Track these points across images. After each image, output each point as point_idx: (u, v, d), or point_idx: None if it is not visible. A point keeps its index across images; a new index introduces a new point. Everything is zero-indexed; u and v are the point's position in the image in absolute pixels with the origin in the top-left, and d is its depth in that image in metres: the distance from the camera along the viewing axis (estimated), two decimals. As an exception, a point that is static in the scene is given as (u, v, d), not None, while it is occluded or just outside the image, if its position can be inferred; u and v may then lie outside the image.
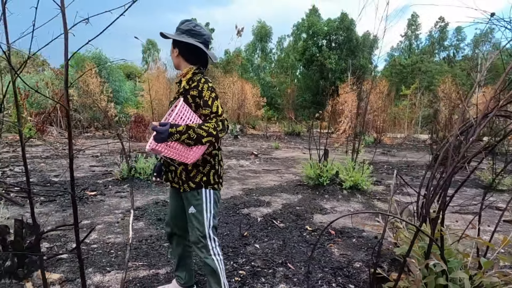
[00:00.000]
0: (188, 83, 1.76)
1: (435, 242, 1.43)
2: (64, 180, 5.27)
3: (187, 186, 1.77)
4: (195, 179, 1.77)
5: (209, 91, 1.68)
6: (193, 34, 1.77)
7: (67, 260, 2.55)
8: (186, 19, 1.82)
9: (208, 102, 1.65)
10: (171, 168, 1.85)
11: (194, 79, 1.75)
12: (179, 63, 1.86)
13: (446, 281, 1.50)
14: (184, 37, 1.75)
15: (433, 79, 32.35)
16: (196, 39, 1.77)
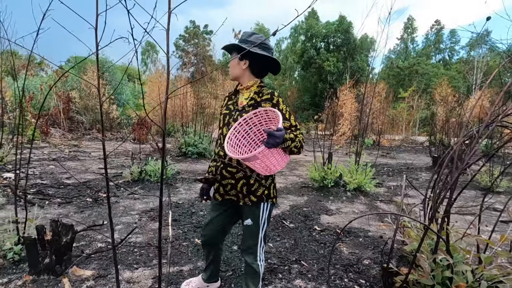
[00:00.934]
0: (258, 95, 1.76)
1: (442, 239, 1.62)
2: (77, 183, 5.43)
3: (248, 200, 1.76)
4: (257, 193, 1.75)
5: (284, 104, 1.72)
6: (265, 47, 1.75)
7: (95, 258, 2.73)
8: (253, 32, 1.79)
9: (286, 115, 1.68)
10: (228, 181, 1.79)
11: (263, 92, 1.75)
12: (242, 75, 1.80)
13: (451, 274, 1.70)
14: (257, 50, 1.72)
15: (430, 82, 32.72)
16: (268, 53, 1.76)
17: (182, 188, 5.44)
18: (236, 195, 1.78)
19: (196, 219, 3.86)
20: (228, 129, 1.76)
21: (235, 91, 1.87)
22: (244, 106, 1.76)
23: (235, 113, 1.79)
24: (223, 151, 1.77)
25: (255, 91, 1.78)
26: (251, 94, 1.77)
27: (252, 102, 1.75)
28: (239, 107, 1.79)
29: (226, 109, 1.86)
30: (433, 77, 34.08)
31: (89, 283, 2.32)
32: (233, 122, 1.75)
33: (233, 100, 1.86)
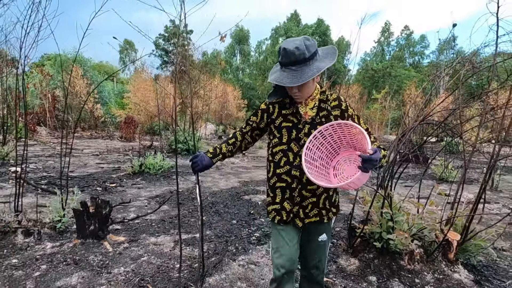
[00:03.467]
0: (326, 103, 1.57)
1: (385, 198, 2.41)
2: (82, 175, 5.97)
3: (331, 214, 1.63)
4: (336, 203, 1.66)
5: (351, 108, 1.58)
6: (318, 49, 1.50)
7: (122, 230, 3.37)
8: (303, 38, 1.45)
9: (355, 119, 1.56)
10: (309, 201, 1.58)
11: (328, 98, 1.58)
12: (311, 91, 1.54)
13: (392, 224, 2.49)
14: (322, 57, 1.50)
15: (401, 84, 34.51)
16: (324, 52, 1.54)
17: (179, 179, 6.09)
18: (319, 213, 1.58)
19: (197, 202, 4.54)
20: (298, 145, 1.54)
21: (291, 102, 1.60)
22: (314, 117, 1.54)
23: (303, 126, 1.54)
24: (298, 171, 1.53)
25: (320, 98, 1.57)
26: (316, 103, 1.56)
27: (324, 113, 1.55)
28: (306, 119, 1.55)
29: (286, 121, 1.59)
30: (404, 79, 35.92)
31: (124, 245, 2.98)
32: (305, 137, 1.52)
33: (291, 111, 1.58)
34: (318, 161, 1.50)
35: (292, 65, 1.41)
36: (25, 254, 2.75)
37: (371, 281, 2.44)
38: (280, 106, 1.62)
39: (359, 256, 2.68)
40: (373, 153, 1.25)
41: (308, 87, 1.48)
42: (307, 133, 1.54)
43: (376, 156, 1.25)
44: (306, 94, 1.51)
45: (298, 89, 1.47)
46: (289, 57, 1.40)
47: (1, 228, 2.89)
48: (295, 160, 1.55)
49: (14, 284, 2.31)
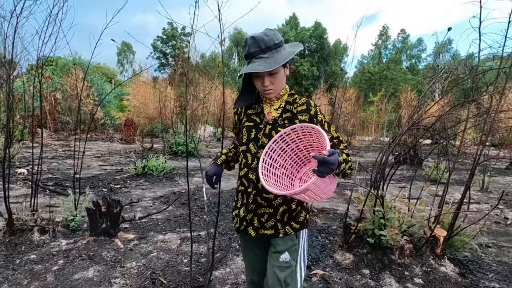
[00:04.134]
0: (292, 105, 1.45)
1: (377, 197, 2.63)
2: (86, 177, 6.15)
3: (289, 229, 1.42)
4: (299, 218, 1.45)
5: (322, 114, 1.44)
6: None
7: (131, 228, 3.57)
8: (271, 29, 1.40)
9: (326, 126, 1.41)
10: (264, 210, 1.43)
11: (297, 101, 1.46)
12: (282, 84, 1.45)
13: (384, 221, 2.70)
14: (289, 48, 1.44)
15: (398, 86, 34.90)
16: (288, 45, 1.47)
17: (181, 180, 6.29)
18: (275, 225, 1.42)
19: (200, 203, 4.74)
20: (256, 146, 1.44)
21: (257, 101, 1.51)
22: (276, 118, 1.43)
23: (264, 126, 1.44)
24: (254, 174, 1.42)
25: (287, 100, 1.46)
26: (282, 104, 1.46)
27: (288, 114, 1.43)
28: (269, 119, 1.45)
29: (249, 120, 1.50)
30: (401, 82, 36.30)
31: (134, 242, 3.18)
32: (264, 137, 1.42)
33: (256, 110, 1.49)
34: (280, 169, 1.36)
35: (263, 53, 1.33)
36: (42, 250, 2.94)
37: (365, 273, 2.66)
38: (246, 107, 1.55)
39: (354, 251, 2.89)
40: (330, 155, 1.09)
41: (280, 80, 1.39)
42: (267, 134, 1.43)
43: (333, 159, 1.09)
44: (278, 88, 1.41)
45: (271, 81, 1.37)
46: (259, 45, 1.33)
47: (19, 226, 3.08)
48: (253, 162, 1.45)
49: (35, 277, 2.51)
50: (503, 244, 3.55)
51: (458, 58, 32.37)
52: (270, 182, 1.26)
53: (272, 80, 1.38)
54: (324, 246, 3.18)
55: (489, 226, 4.22)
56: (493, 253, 3.28)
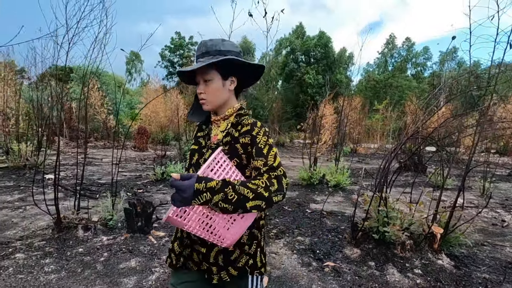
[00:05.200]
0: (236, 128, 1.28)
1: (381, 198, 3.02)
2: (109, 182, 6.59)
3: (225, 274, 1.23)
4: (238, 263, 1.24)
5: (265, 136, 1.23)
6: (239, 54, 1.28)
7: (160, 227, 3.98)
8: (222, 38, 1.27)
9: (263, 150, 1.19)
10: (198, 248, 1.26)
11: (243, 122, 1.27)
12: (227, 100, 1.31)
13: (387, 219, 3.09)
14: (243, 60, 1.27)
15: (403, 94, 35.20)
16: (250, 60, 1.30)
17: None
18: (209, 269, 1.24)
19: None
20: (195, 172, 1.27)
21: (207, 120, 1.40)
22: (220, 143, 1.28)
23: (206, 150, 1.31)
24: None
25: (233, 122, 1.30)
26: (228, 126, 1.30)
27: (228, 139, 1.27)
28: (213, 143, 1.31)
29: (195, 143, 1.39)
30: (406, 90, 36.60)
31: (165, 239, 3.59)
32: (203, 164, 1.19)
33: (205, 132, 1.37)
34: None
35: (201, 57, 1.23)
36: (87, 244, 3.36)
37: (370, 265, 3.04)
38: (198, 128, 1.43)
39: (361, 246, 3.27)
40: (184, 179, 0.94)
41: (214, 90, 1.25)
42: (207, 159, 1.25)
43: (183, 184, 0.93)
44: (213, 99, 1.26)
45: (205, 90, 1.26)
46: (201, 48, 1.24)
47: (66, 224, 3.52)
48: None
49: (86, 266, 2.93)
50: (497, 243, 3.90)
51: (463, 65, 32.55)
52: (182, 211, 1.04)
53: (206, 89, 1.26)
54: (334, 243, 3.56)
55: (486, 227, 4.59)
56: (487, 251, 3.63)
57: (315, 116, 17.01)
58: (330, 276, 2.87)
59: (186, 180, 0.95)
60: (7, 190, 5.66)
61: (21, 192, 5.59)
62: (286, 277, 2.84)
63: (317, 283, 2.75)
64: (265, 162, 1.16)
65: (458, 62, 45.26)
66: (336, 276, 2.87)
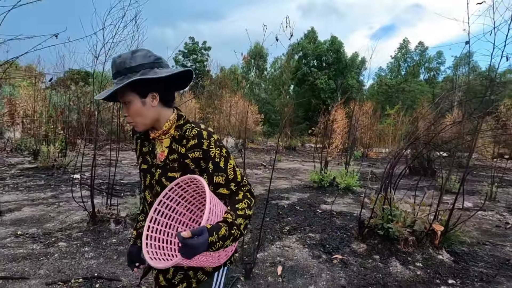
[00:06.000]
0: (181, 142, 1.19)
1: (386, 197, 3.31)
2: (131, 182, 7.03)
3: (201, 274, 1.24)
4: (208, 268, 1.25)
5: (218, 148, 1.18)
6: (163, 64, 1.18)
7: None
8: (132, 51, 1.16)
9: (220, 164, 1.17)
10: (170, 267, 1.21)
11: (186, 135, 1.19)
12: (158, 115, 1.20)
13: (391, 217, 3.38)
14: (161, 71, 1.14)
15: (415, 99, 35.07)
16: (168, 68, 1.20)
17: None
18: (185, 277, 1.25)
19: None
20: (151, 194, 1.26)
21: (146, 137, 1.29)
22: (166, 160, 1.21)
23: (155, 169, 1.24)
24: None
25: (175, 135, 1.21)
26: (172, 142, 1.22)
27: (175, 156, 1.19)
28: (159, 161, 1.24)
29: (144, 162, 1.30)
30: (418, 94, 36.44)
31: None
32: (156, 185, 1.22)
33: (148, 148, 1.28)
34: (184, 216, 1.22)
35: (114, 78, 1.14)
36: (119, 236, 3.75)
37: (375, 258, 3.33)
38: (141, 142, 1.31)
39: (367, 242, 3.57)
40: (194, 236, 0.90)
41: (137, 111, 1.15)
42: (158, 180, 1.21)
43: (197, 243, 0.89)
44: (139, 120, 1.17)
45: (127, 112, 1.17)
46: (112, 68, 1.15)
47: (100, 218, 3.92)
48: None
49: (121, 254, 3.31)
50: (498, 243, 4.13)
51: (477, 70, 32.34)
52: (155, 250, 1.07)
53: (128, 111, 1.17)
54: (343, 239, 3.87)
55: (490, 229, 4.82)
56: (487, 249, 3.87)
57: (326, 120, 17.33)
58: (338, 267, 3.18)
59: (199, 237, 0.90)
60: (40, 188, 6.13)
61: (52, 190, 6.05)
62: (298, 267, 3.17)
63: (326, 272, 3.07)
64: (226, 177, 1.17)
65: (472, 67, 44.85)
66: (344, 267, 3.18)
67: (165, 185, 1.19)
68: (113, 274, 2.90)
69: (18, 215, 4.47)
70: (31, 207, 4.88)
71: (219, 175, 1.17)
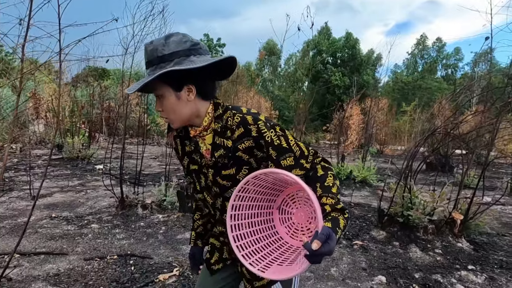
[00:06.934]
0: (224, 134, 1.07)
1: (405, 185, 3.38)
2: (153, 173, 7.25)
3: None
4: None
5: (271, 129, 1.04)
6: (201, 51, 1.02)
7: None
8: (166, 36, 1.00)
9: (282, 144, 1.03)
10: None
11: (228, 125, 1.07)
12: (196, 111, 1.06)
13: (411, 204, 3.45)
14: (198, 59, 0.99)
15: (432, 96, 34.48)
16: (208, 55, 1.05)
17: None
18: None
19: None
20: (211, 196, 1.16)
21: (186, 134, 1.15)
22: (218, 159, 1.09)
23: (207, 170, 1.13)
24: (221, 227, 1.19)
25: (215, 129, 1.09)
26: (216, 138, 1.09)
27: (221, 152, 1.08)
28: (208, 160, 1.11)
29: (192, 162, 1.17)
30: (435, 91, 35.80)
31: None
32: (214, 186, 1.12)
33: (191, 147, 1.14)
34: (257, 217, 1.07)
35: (147, 68, 1.03)
36: (147, 220, 3.94)
37: (395, 245, 3.41)
38: (181, 141, 1.19)
39: (386, 229, 3.65)
40: (322, 245, 0.76)
41: (172, 106, 1.03)
42: (213, 181, 1.12)
43: (328, 249, 0.78)
44: (174, 116, 1.05)
45: (161, 107, 1.06)
46: (145, 57, 1.03)
47: (128, 203, 4.11)
48: (216, 213, 1.18)
49: (149, 236, 3.49)
50: (518, 235, 4.14)
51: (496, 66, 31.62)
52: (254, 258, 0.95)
53: (161, 106, 1.06)
54: (362, 227, 3.96)
55: (509, 222, 4.82)
56: (507, 240, 3.90)
57: (341, 117, 17.27)
58: (358, 252, 3.27)
59: (330, 243, 0.79)
60: (67, 177, 6.41)
61: (79, 179, 6.32)
62: (319, 251, 3.28)
63: (347, 256, 3.17)
64: (294, 156, 1.04)
65: (490, 63, 43.72)
66: (364, 252, 3.28)
67: (222, 184, 1.11)
68: (145, 253, 3.07)
69: (50, 200, 4.73)
70: (61, 193, 5.14)
71: (286, 157, 1.03)
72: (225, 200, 1.13)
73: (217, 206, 1.15)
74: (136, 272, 2.67)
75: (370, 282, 2.68)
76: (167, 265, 2.82)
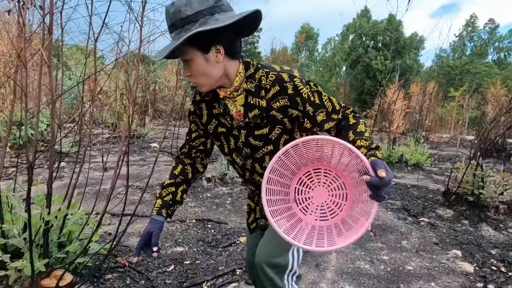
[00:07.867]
0: (258, 93, 1.05)
1: (477, 161, 3.30)
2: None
3: None
4: None
5: (307, 85, 1.04)
6: (223, 7, 0.97)
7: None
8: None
9: (316, 101, 1.05)
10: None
11: (262, 84, 1.04)
12: (225, 71, 1.03)
13: (482, 183, 3.37)
14: (223, 17, 0.95)
15: (482, 81, 32.36)
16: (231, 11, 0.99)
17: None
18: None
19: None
20: (241, 157, 1.17)
21: (215, 96, 1.14)
22: (251, 120, 1.08)
23: (238, 132, 1.13)
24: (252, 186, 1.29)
25: (248, 89, 1.06)
26: (249, 98, 1.07)
27: (255, 112, 1.06)
28: (239, 122, 1.11)
29: (219, 125, 1.16)
30: (485, 76, 33.57)
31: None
32: (245, 147, 1.13)
33: (220, 109, 1.13)
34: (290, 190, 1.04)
35: (171, 32, 0.99)
36: (212, 191, 4.15)
37: (464, 223, 3.37)
38: (208, 105, 1.16)
39: (453, 208, 3.60)
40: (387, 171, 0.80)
41: (199, 70, 1.00)
42: (245, 142, 1.12)
43: (391, 175, 0.81)
44: (203, 80, 1.02)
45: (190, 72, 1.03)
46: (167, 20, 0.98)
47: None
48: (246, 174, 1.22)
49: (219, 205, 3.69)
50: None
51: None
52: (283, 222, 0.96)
53: (189, 70, 1.03)
54: (425, 206, 3.93)
55: None
56: None
57: (383, 102, 16.76)
58: (426, 228, 3.27)
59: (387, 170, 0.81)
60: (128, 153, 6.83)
61: (139, 155, 6.74)
62: (386, 226, 3.31)
63: (415, 231, 3.18)
64: (326, 111, 1.06)
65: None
66: (432, 228, 3.27)
67: (254, 145, 1.11)
68: (218, 219, 3.27)
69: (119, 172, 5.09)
70: (126, 166, 5.50)
71: (320, 113, 1.06)
72: (255, 162, 1.17)
73: (247, 167, 1.19)
74: (217, 234, 2.86)
75: (445, 255, 2.69)
76: (242, 230, 2.99)
